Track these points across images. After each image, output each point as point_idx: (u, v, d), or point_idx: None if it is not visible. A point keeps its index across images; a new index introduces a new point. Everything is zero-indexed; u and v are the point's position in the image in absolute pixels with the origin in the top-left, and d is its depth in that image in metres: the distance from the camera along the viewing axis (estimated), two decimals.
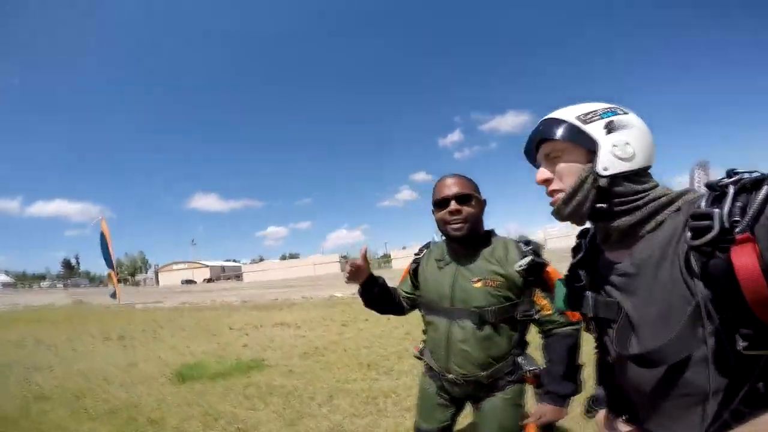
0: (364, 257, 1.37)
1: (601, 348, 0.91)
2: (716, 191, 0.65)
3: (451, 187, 1.33)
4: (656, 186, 0.76)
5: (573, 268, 0.94)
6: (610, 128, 0.74)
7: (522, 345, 1.40)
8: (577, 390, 1.32)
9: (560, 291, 0.99)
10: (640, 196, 0.74)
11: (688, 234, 0.64)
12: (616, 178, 0.74)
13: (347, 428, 2.90)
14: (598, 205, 0.76)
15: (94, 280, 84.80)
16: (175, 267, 72.59)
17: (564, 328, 1.33)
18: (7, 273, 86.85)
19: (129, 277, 76.82)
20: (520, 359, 1.36)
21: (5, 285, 68.87)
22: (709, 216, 0.61)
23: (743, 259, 0.55)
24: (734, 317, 0.59)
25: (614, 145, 0.73)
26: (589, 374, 1.17)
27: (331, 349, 5.65)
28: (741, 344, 0.59)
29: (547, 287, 1.32)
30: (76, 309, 15.56)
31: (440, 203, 1.34)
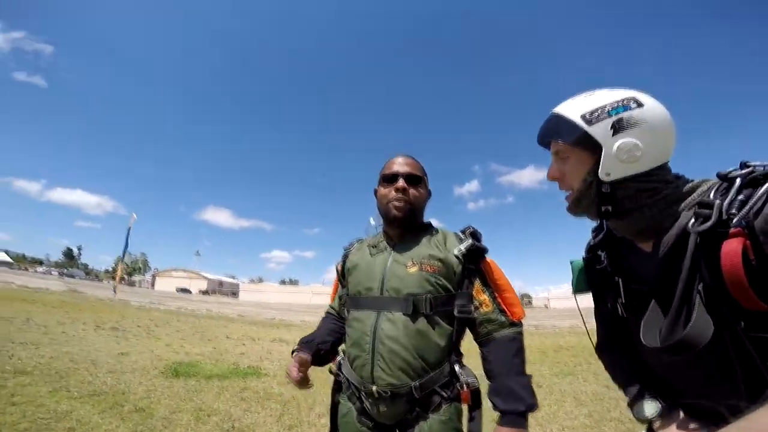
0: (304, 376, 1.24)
1: (626, 332, 0.88)
2: (726, 182, 0.67)
3: (404, 166, 1.23)
4: (671, 182, 0.74)
5: (593, 249, 0.91)
6: (617, 128, 0.70)
7: (458, 352, 1.17)
8: (535, 404, 1.04)
9: (576, 272, 0.95)
10: (647, 195, 0.73)
11: (693, 220, 0.66)
12: (621, 182, 0.73)
13: None
14: (603, 207, 0.76)
15: (89, 274, 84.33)
16: (174, 273, 72.01)
17: (506, 331, 1.11)
18: (7, 253, 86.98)
19: (125, 276, 76.01)
20: (457, 368, 1.11)
21: (1, 263, 68.65)
22: (711, 205, 0.63)
23: (728, 248, 0.58)
24: (733, 303, 0.60)
25: (619, 149, 0.70)
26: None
27: None
28: (741, 326, 0.61)
29: (486, 280, 1.15)
30: (71, 296, 15.27)
31: (389, 179, 1.22)
